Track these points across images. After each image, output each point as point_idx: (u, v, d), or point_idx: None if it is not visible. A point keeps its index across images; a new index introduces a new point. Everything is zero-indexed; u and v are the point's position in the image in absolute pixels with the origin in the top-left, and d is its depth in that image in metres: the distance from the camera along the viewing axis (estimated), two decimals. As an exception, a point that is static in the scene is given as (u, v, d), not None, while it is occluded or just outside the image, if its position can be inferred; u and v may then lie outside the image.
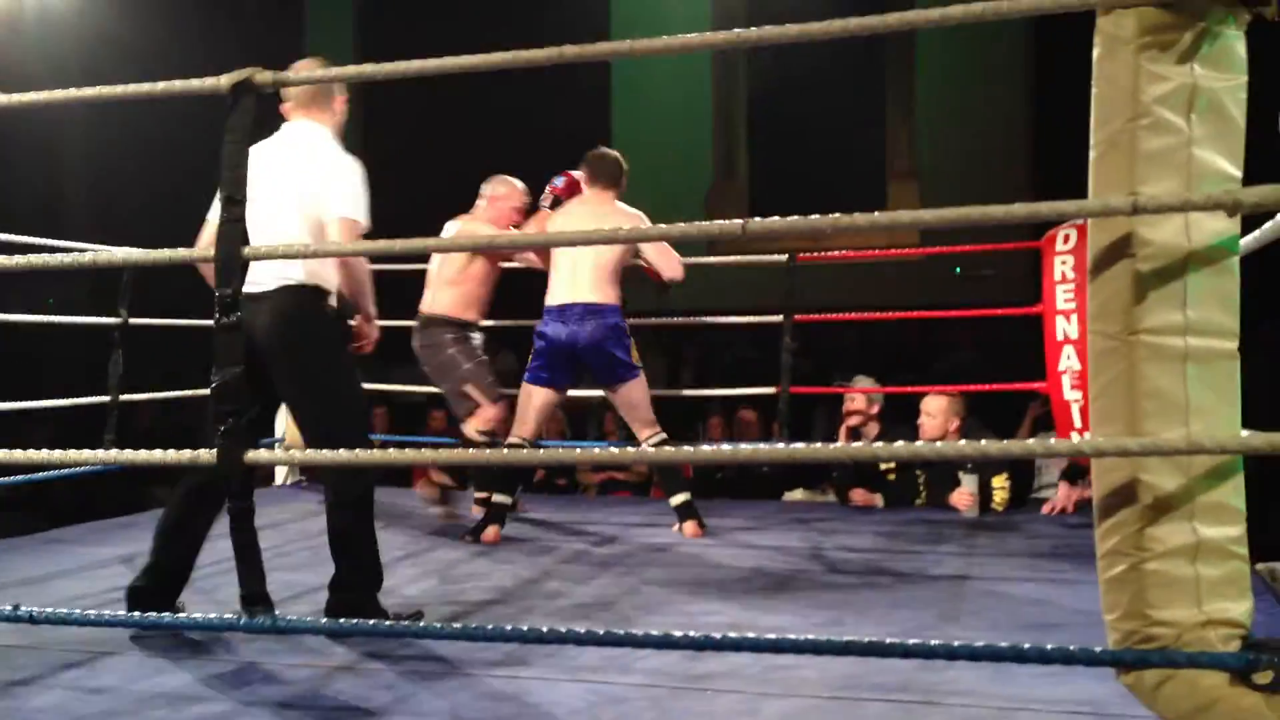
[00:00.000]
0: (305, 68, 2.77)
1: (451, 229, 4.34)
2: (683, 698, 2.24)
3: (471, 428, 4.19)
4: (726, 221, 2.06)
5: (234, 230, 2.08)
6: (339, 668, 2.44)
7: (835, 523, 4.31)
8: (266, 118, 2.44)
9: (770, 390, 4.80)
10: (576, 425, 6.81)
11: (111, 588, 3.18)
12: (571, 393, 4.30)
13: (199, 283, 3.12)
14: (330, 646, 2.56)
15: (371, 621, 2.53)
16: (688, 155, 9.37)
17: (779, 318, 4.78)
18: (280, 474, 5.36)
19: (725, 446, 2.46)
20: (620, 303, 4.05)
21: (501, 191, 4.34)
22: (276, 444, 5.00)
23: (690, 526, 4.07)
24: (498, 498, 4.04)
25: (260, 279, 2.71)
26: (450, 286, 4.26)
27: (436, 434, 6.59)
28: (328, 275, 2.83)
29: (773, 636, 1.93)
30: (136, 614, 2.59)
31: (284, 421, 4.90)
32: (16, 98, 2.37)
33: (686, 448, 2.47)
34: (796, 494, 4.99)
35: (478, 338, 4.34)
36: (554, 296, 4.03)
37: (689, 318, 5.69)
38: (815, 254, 5.30)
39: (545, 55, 2.05)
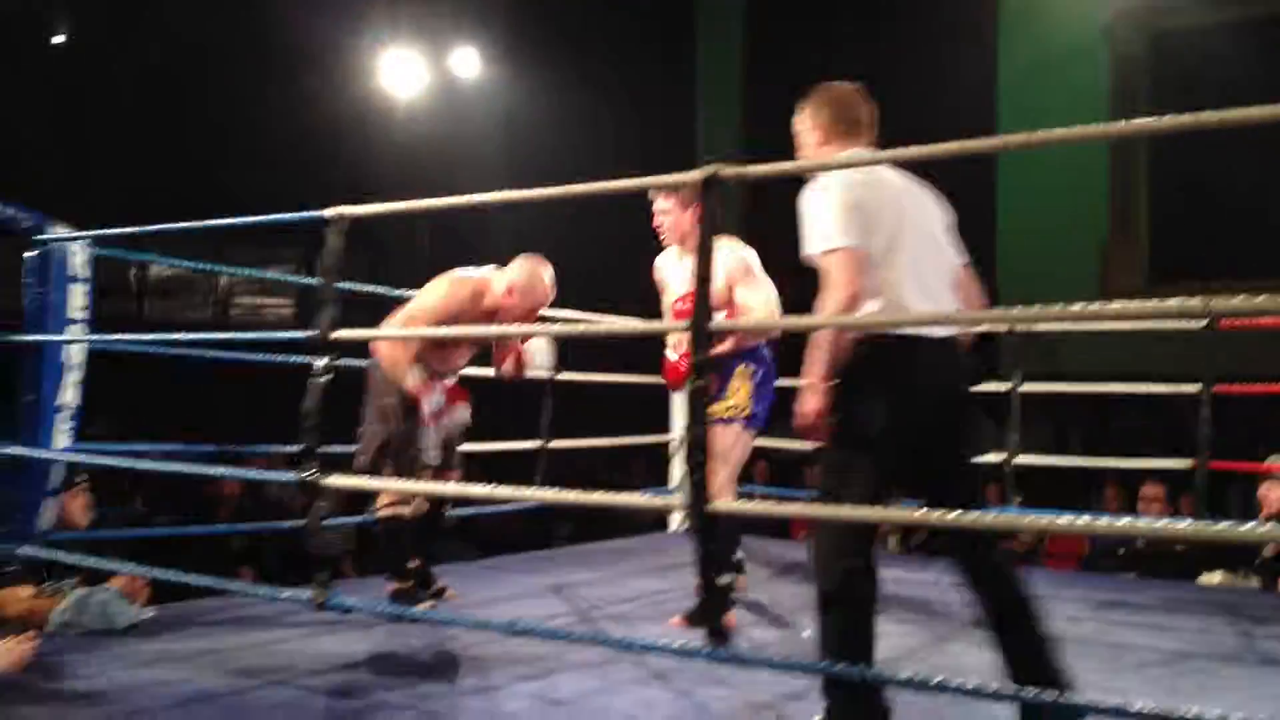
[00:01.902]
0: (840, 93, 2.60)
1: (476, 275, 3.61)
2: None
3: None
4: (1187, 300, 1.90)
5: (705, 308, 2.27)
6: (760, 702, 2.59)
7: (1266, 611, 3.93)
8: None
9: (1181, 464, 4.47)
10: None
11: (549, 613, 3.59)
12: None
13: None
14: (774, 679, 2.70)
15: (784, 657, 2.66)
16: (1081, 204, 8.81)
17: (1194, 387, 4.46)
18: (675, 519, 5.70)
19: (1125, 520, 2.31)
20: None
21: (527, 286, 3.54)
22: (673, 493, 5.31)
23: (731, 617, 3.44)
24: (723, 579, 3.39)
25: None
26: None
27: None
28: None
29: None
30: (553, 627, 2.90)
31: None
32: (485, 196, 2.78)
33: (1083, 519, 2.33)
34: (1214, 577, 4.58)
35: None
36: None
37: (1094, 383, 5.40)
38: (1239, 320, 4.83)
39: (932, 151, 2.11)
